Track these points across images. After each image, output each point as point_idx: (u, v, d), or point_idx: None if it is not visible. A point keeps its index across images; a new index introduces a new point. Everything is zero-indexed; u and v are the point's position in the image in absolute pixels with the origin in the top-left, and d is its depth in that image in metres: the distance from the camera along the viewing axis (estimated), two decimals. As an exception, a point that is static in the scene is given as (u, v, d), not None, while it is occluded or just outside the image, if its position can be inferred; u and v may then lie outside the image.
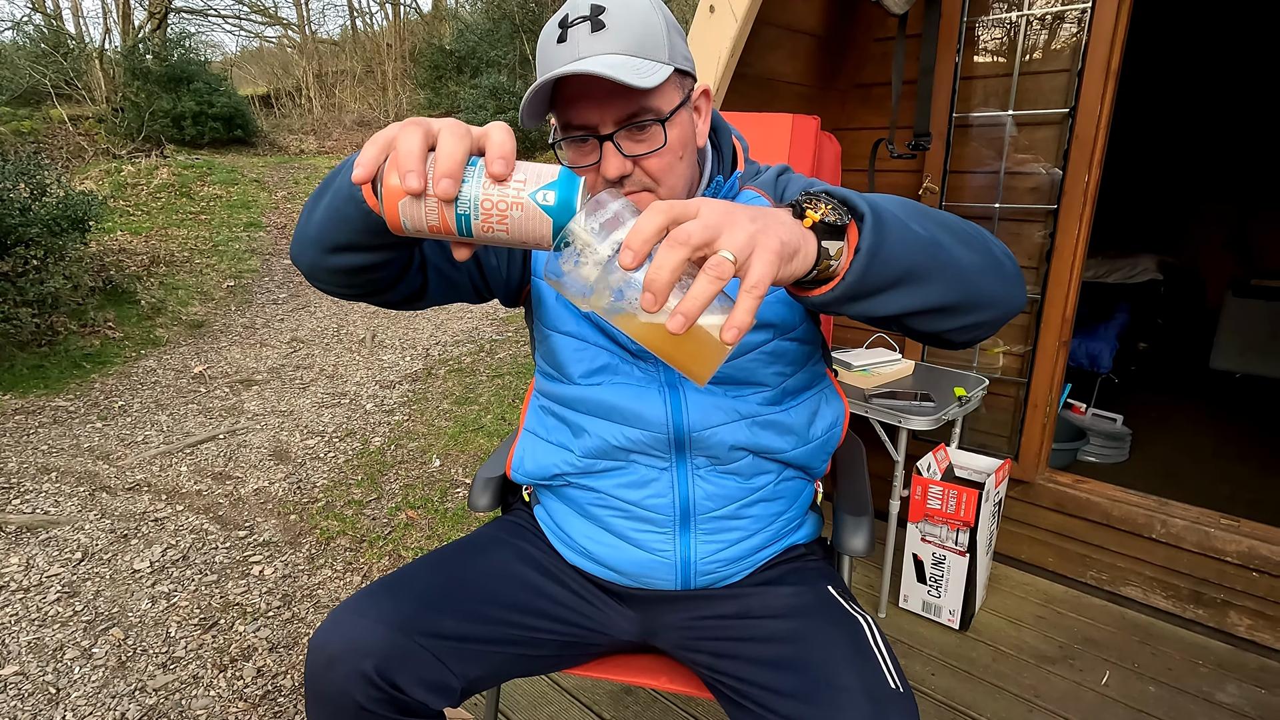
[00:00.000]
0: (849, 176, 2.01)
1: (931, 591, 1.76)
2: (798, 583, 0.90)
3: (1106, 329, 2.88)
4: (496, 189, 0.53)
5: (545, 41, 0.77)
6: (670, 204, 0.49)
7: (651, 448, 0.87)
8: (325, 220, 0.68)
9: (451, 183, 0.51)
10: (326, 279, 0.75)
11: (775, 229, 0.50)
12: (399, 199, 0.53)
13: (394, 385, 3.93)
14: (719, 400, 0.87)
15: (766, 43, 1.69)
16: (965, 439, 1.99)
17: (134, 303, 4.84)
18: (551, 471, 0.94)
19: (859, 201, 0.56)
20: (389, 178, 0.53)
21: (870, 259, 0.54)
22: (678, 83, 0.79)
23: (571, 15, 0.74)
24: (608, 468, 0.90)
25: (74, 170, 7.48)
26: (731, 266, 0.47)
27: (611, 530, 0.91)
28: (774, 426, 0.89)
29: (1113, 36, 1.59)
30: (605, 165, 0.77)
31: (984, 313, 0.64)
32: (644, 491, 0.89)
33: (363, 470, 2.96)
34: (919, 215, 0.61)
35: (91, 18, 17.58)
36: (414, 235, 0.56)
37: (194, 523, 2.55)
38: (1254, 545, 1.63)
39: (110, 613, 2.05)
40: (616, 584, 0.94)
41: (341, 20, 21.19)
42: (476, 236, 0.55)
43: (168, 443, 3.22)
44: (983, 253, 0.64)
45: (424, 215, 0.53)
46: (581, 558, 0.95)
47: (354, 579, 2.23)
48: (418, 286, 0.83)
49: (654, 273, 0.46)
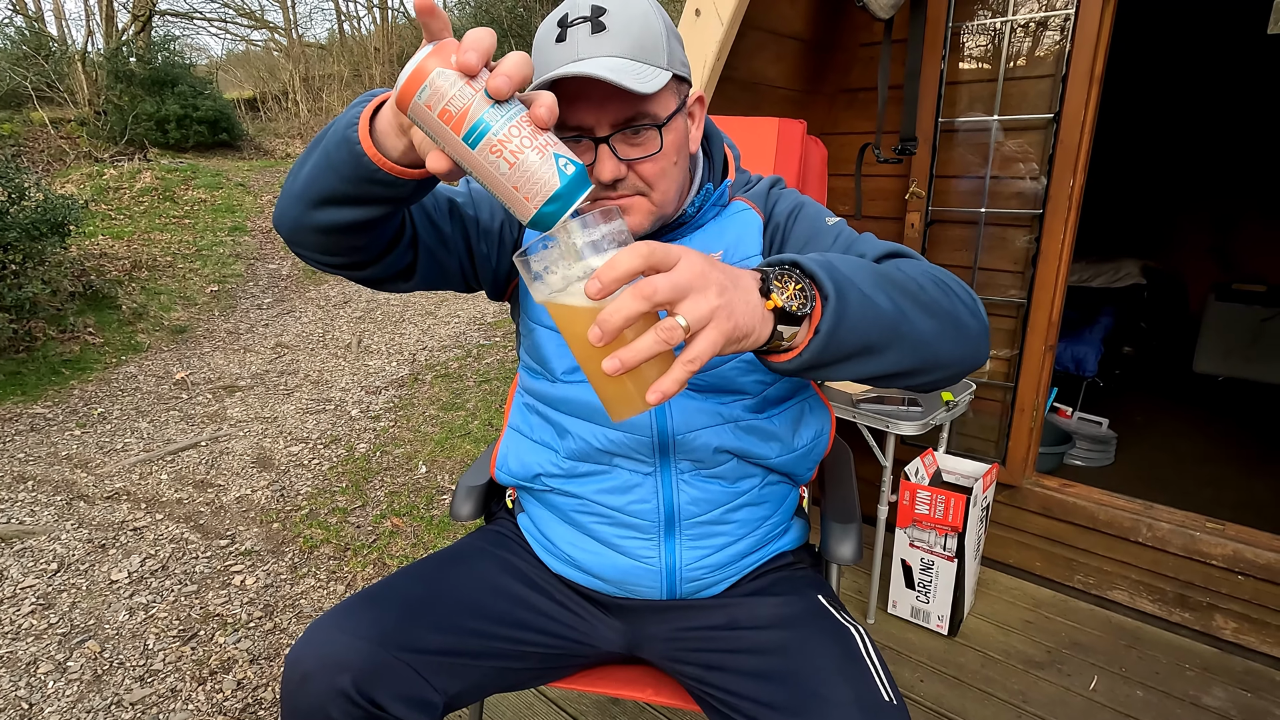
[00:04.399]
0: (835, 180, 2.01)
1: (920, 597, 1.76)
2: (786, 592, 0.89)
3: (1091, 333, 2.90)
4: (530, 128, 0.52)
5: (543, 39, 0.76)
6: (652, 249, 0.49)
7: (635, 451, 0.86)
8: (315, 170, 0.66)
9: (508, 84, 0.51)
10: (309, 241, 0.71)
11: (738, 307, 0.51)
12: (430, 72, 0.50)
13: (380, 391, 3.89)
14: (702, 404, 0.86)
15: (753, 46, 1.69)
16: (953, 443, 1.99)
17: (115, 308, 4.77)
18: (535, 471, 0.93)
19: (825, 280, 0.56)
20: (433, 55, 0.51)
21: (828, 339, 0.56)
22: (675, 88, 0.78)
23: (571, 15, 0.73)
24: (590, 471, 0.89)
25: (55, 174, 7.37)
26: (682, 334, 0.49)
27: (595, 536, 0.90)
28: (757, 432, 0.88)
29: (1096, 43, 1.60)
30: (600, 167, 0.76)
31: (941, 373, 0.66)
32: (628, 497, 0.87)
33: (347, 477, 2.92)
34: (885, 285, 0.61)
35: (74, 20, 17.40)
36: (418, 115, 0.52)
37: (174, 532, 2.51)
38: (1239, 549, 1.64)
39: (86, 625, 2.00)
40: (602, 593, 0.93)
41: (329, 24, 21.07)
42: (477, 150, 0.52)
43: (148, 450, 3.16)
44: (945, 318, 0.65)
45: (447, 96, 0.51)
46: (566, 565, 0.94)
47: (337, 588, 2.20)
48: (406, 263, 0.80)
49: (609, 314, 0.48)
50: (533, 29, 9.83)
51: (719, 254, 0.87)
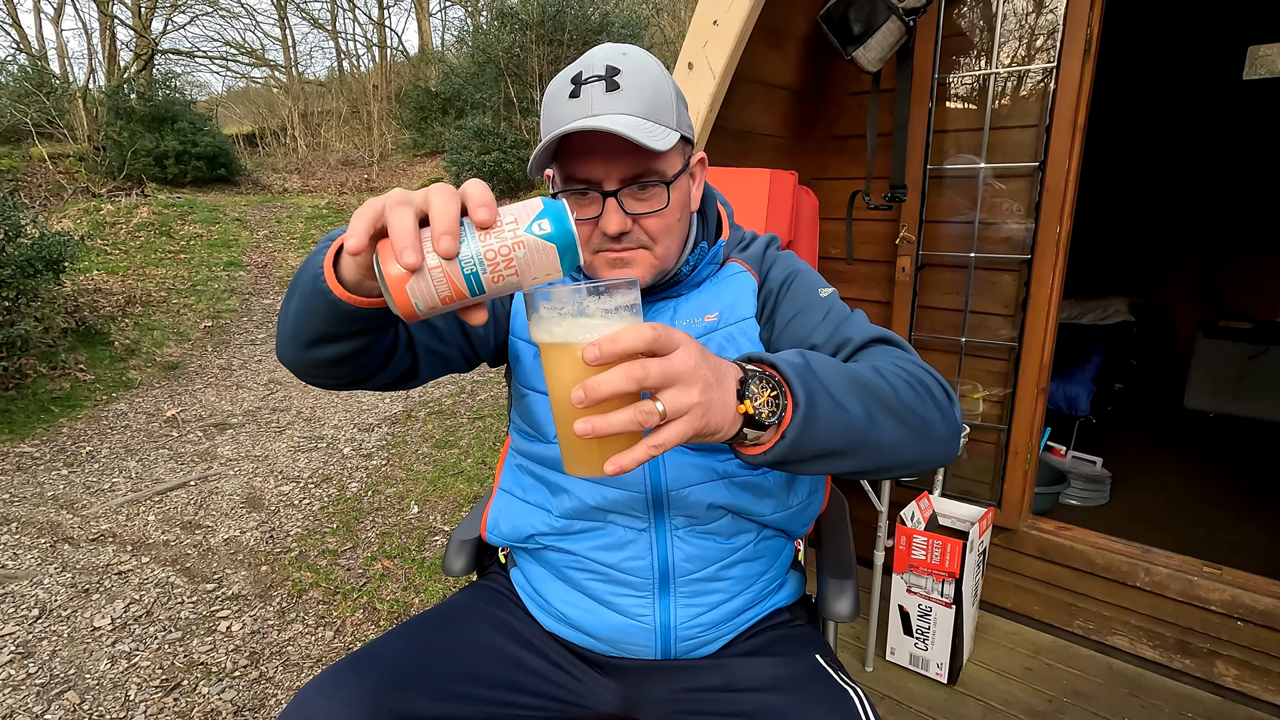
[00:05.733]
0: (827, 224, 2.04)
1: (919, 644, 1.73)
2: (784, 652, 0.88)
3: (1083, 372, 2.92)
4: (494, 237, 0.53)
5: (555, 95, 0.78)
6: (657, 334, 0.51)
7: (629, 507, 0.86)
8: (298, 316, 0.68)
9: (451, 239, 0.51)
10: (313, 373, 0.75)
11: (714, 407, 0.53)
12: (405, 283, 0.52)
13: (372, 428, 3.87)
14: (696, 459, 0.86)
15: (744, 98, 1.73)
16: (949, 485, 1.99)
17: (107, 344, 4.75)
18: (528, 532, 0.92)
19: (799, 390, 0.58)
20: (389, 268, 0.52)
21: (793, 445, 0.58)
22: (681, 149, 0.81)
23: (586, 73, 0.76)
24: (585, 528, 0.88)
25: (52, 209, 7.41)
26: (657, 420, 0.51)
27: (589, 594, 0.89)
28: (752, 489, 0.88)
29: (1078, 94, 1.64)
30: (606, 220, 0.78)
31: (905, 471, 0.69)
32: (622, 554, 0.87)
33: (338, 518, 2.89)
34: (859, 391, 0.63)
35: (77, 58, 17.66)
36: (430, 314, 0.55)
37: (160, 575, 2.46)
38: (1237, 594, 1.63)
39: (66, 675, 1.95)
40: (596, 652, 0.91)
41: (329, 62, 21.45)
42: (489, 290, 0.54)
43: (136, 490, 3.12)
44: (915, 424, 0.66)
45: (433, 290, 0.53)
46: (559, 623, 0.92)
47: (326, 634, 2.16)
48: (408, 366, 0.83)
49: (598, 384, 0.50)
50: (530, 69, 10.03)
51: (715, 315, 0.88)
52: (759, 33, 1.60)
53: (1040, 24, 1.69)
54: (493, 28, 10.69)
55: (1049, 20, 1.67)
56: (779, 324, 0.86)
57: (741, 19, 1.52)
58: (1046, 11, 1.67)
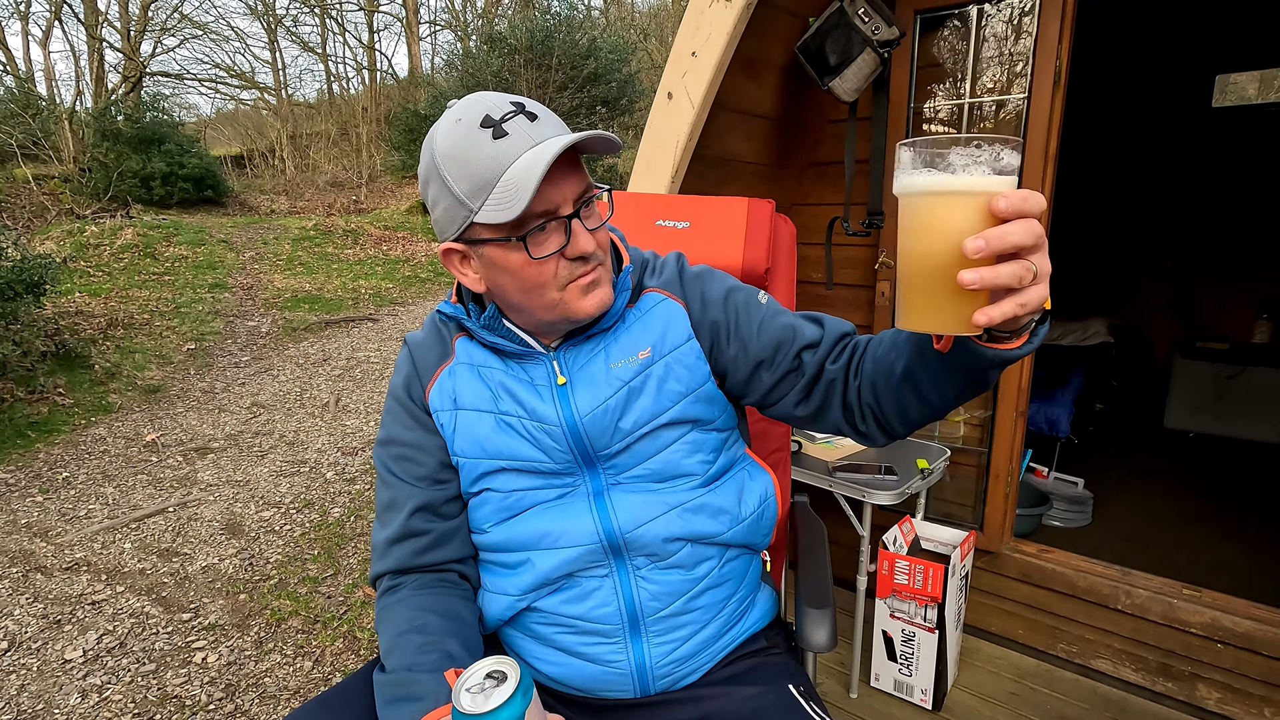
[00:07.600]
0: (808, 249, 2.07)
1: (903, 670, 1.72)
2: (759, 682, 0.87)
3: (1064, 393, 2.95)
4: None
5: (475, 143, 0.72)
6: (1040, 230, 0.52)
7: (589, 561, 0.85)
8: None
9: None
10: None
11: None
12: None
13: (356, 452, 3.83)
14: (647, 497, 0.86)
15: (724, 126, 1.75)
16: (930, 508, 1.99)
17: (87, 367, 4.69)
18: (506, 615, 0.90)
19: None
20: None
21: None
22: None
23: (496, 114, 0.73)
24: (550, 591, 0.88)
25: (35, 230, 7.35)
26: (1031, 279, 0.51)
27: (560, 647, 0.88)
28: (705, 510, 0.87)
29: (1049, 124, 1.68)
30: (579, 242, 0.76)
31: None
32: (588, 604, 0.86)
33: (320, 544, 2.85)
34: None
35: (64, 80, 17.64)
36: None
37: (134, 605, 2.41)
38: (1217, 616, 1.63)
39: (34, 710, 1.90)
40: (574, 696, 0.90)
41: (318, 84, 21.55)
42: None
43: (112, 517, 3.07)
44: None
45: None
46: (534, 675, 0.91)
47: (305, 664, 2.11)
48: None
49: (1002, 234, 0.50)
50: (518, 93, 10.11)
51: (648, 350, 0.86)
52: (737, 63, 1.63)
53: (1011, 55, 1.74)
54: (482, 52, 10.80)
55: (1019, 52, 1.72)
56: (746, 338, 0.86)
57: (719, 51, 1.55)
58: (1017, 44, 1.72)
